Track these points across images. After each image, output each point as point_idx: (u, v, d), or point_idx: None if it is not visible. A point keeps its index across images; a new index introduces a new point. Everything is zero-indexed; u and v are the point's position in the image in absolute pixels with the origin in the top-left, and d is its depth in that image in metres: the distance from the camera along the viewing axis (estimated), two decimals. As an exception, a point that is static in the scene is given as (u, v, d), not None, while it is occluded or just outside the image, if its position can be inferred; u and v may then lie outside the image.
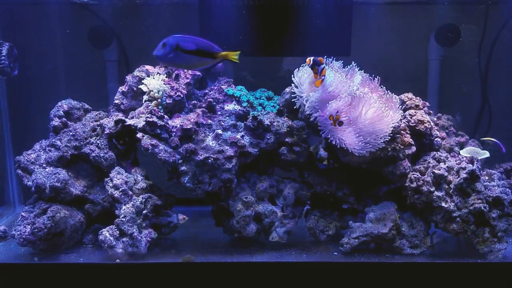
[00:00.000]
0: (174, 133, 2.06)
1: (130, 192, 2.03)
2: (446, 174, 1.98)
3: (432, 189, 1.96)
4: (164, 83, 2.18)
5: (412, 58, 2.64)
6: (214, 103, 2.18)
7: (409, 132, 2.06)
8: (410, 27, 2.60)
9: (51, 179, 2.04)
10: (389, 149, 2.01)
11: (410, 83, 2.61)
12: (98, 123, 2.19)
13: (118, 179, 2.04)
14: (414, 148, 2.05)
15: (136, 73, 2.24)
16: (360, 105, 1.97)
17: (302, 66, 2.09)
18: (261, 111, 2.18)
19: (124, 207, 1.98)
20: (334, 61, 2.12)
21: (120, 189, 2.01)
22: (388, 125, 1.96)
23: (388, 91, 2.09)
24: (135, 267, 1.92)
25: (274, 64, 2.55)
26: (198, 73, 2.25)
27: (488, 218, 1.92)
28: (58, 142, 2.15)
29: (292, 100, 2.09)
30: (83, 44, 2.56)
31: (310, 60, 1.94)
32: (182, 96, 2.17)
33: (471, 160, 2.02)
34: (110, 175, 2.05)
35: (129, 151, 2.20)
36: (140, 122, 2.07)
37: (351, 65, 2.10)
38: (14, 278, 1.92)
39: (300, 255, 2.03)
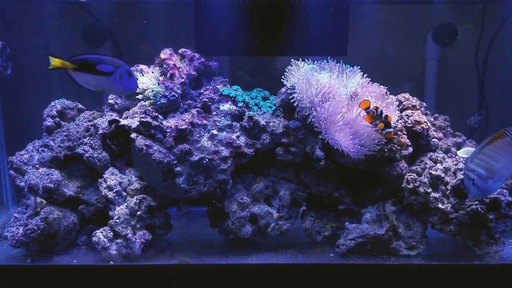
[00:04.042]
0: (168, 134, 2.04)
1: (124, 193, 2.01)
2: (443, 175, 1.97)
3: (429, 190, 1.95)
4: (158, 83, 2.16)
5: (409, 57, 2.63)
6: (210, 103, 2.16)
7: (405, 132, 2.05)
8: (407, 26, 2.59)
9: (44, 179, 2.02)
10: (385, 150, 1.99)
11: (407, 83, 2.60)
12: (92, 123, 2.17)
13: (112, 180, 2.02)
14: (410, 149, 2.04)
15: (130, 72, 2.22)
16: (356, 106, 1.95)
17: (296, 64, 2.08)
18: (257, 111, 2.16)
19: (118, 208, 1.96)
20: (331, 61, 2.11)
21: (114, 190, 2.00)
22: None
23: (386, 91, 2.08)
24: (129, 269, 1.90)
25: (270, 63, 2.53)
26: (193, 72, 2.23)
27: (485, 220, 1.91)
28: (51, 143, 2.13)
29: (290, 97, 2.07)
30: (77, 43, 2.53)
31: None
32: (176, 96, 2.15)
33: (468, 161, 2.01)
34: (104, 175, 2.03)
35: (123, 152, 2.18)
36: (134, 122, 2.05)
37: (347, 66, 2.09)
38: (6, 280, 1.90)
39: (296, 257, 2.02)
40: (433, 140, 2.12)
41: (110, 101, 2.23)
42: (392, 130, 1.93)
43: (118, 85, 1.84)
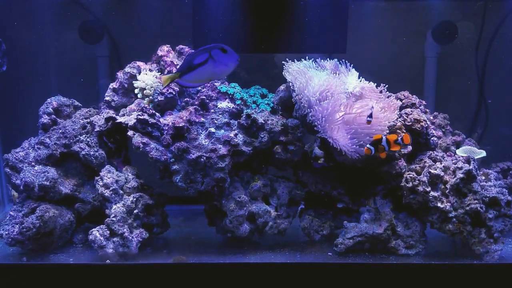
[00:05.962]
0: (166, 131, 2.02)
1: (121, 191, 2.00)
2: (442, 174, 1.96)
3: (428, 189, 1.94)
4: (156, 80, 2.14)
5: (409, 55, 2.61)
6: (207, 101, 2.14)
7: (405, 131, 2.03)
8: (407, 24, 2.58)
9: (40, 177, 2.00)
10: (384, 148, 1.98)
11: (407, 81, 2.59)
12: (88, 120, 2.15)
13: (108, 178, 2.00)
14: (410, 148, 2.03)
15: (127, 69, 2.20)
16: (355, 105, 1.94)
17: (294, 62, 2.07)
18: (255, 109, 2.14)
19: (114, 206, 1.95)
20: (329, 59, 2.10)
21: (111, 188, 1.98)
22: (383, 128, 1.94)
23: (386, 89, 2.07)
24: (126, 268, 1.89)
25: (269, 61, 2.52)
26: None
27: (484, 219, 1.90)
28: (47, 140, 2.11)
29: (291, 91, 2.05)
30: (74, 39, 2.51)
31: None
32: (174, 93, 2.13)
33: (467, 160, 2.00)
34: (101, 173, 2.02)
35: (120, 149, 2.16)
36: (131, 120, 2.03)
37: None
38: (1, 279, 1.89)
39: (294, 255, 2.00)
40: (432, 138, 2.10)
41: (107, 98, 2.21)
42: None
43: (218, 67, 1.78)
